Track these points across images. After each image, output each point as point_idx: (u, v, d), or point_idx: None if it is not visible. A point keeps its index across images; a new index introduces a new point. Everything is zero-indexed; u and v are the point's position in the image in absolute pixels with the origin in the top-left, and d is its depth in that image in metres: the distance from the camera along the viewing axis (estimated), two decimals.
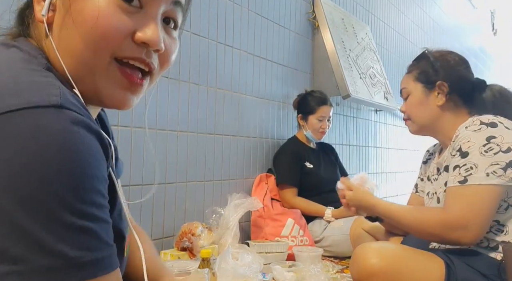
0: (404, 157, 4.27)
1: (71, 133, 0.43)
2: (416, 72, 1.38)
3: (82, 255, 0.42)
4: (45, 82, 0.46)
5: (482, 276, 1.09)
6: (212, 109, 2.05)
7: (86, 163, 0.43)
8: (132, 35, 0.52)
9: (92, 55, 0.51)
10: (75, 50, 0.52)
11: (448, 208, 1.13)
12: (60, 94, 0.45)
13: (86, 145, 0.44)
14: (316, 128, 2.38)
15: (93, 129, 0.46)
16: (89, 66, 0.52)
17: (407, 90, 1.39)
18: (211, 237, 1.80)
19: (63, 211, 0.41)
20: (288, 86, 2.61)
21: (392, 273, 1.07)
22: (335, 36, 2.79)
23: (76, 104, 0.46)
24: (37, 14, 0.54)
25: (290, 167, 2.31)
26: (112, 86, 0.54)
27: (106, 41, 0.51)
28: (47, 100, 0.43)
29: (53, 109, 0.43)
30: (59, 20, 0.53)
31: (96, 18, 0.50)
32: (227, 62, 2.14)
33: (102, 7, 0.50)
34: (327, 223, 2.21)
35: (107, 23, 0.50)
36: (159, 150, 1.78)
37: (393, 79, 3.75)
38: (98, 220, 0.44)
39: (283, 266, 1.63)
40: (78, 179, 0.42)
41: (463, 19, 6.00)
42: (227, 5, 2.13)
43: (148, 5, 0.54)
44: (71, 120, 0.43)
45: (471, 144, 1.13)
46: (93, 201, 0.44)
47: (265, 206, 2.16)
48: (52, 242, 0.40)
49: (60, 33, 0.53)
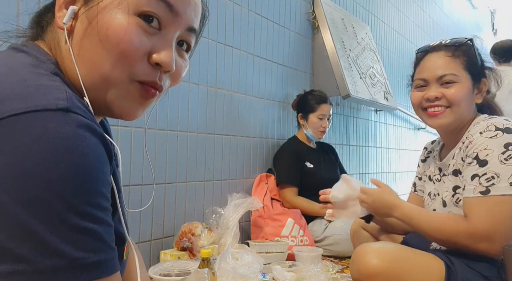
0: (404, 157, 4.27)
1: (77, 137, 0.43)
2: (464, 59, 1.24)
3: (86, 256, 0.42)
4: (53, 86, 0.47)
5: (482, 277, 1.08)
6: (212, 109, 2.05)
7: (92, 166, 0.44)
8: (149, 55, 0.55)
9: (110, 69, 0.53)
10: (95, 61, 0.53)
11: (473, 220, 1.10)
12: (67, 98, 0.45)
13: (92, 149, 0.44)
14: (316, 126, 2.38)
15: (98, 133, 0.46)
16: (106, 78, 0.54)
17: (456, 77, 1.22)
18: (211, 237, 1.80)
19: (68, 213, 0.41)
20: (288, 86, 2.61)
21: (392, 274, 1.07)
22: (335, 36, 2.79)
23: (82, 108, 0.47)
24: (57, 21, 0.56)
25: (290, 167, 2.31)
26: (127, 101, 0.56)
27: (126, 59, 0.53)
28: (54, 103, 0.44)
29: (60, 113, 0.43)
30: (80, 30, 0.55)
31: (122, 35, 0.52)
32: (227, 62, 2.14)
33: (127, 25, 0.53)
34: (328, 222, 2.21)
35: (130, 42, 0.53)
36: (159, 150, 1.78)
37: (393, 79, 3.75)
38: (102, 222, 0.45)
39: (283, 266, 1.63)
40: (83, 181, 0.43)
41: (463, 19, 6.00)
42: (227, 5, 2.13)
43: (166, 29, 0.57)
44: (77, 123, 0.44)
45: (489, 152, 1.10)
46: (97, 203, 0.44)
47: (265, 206, 2.16)
48: (57, 243, 0.41)
49: (81, 43, 0.54)
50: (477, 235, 1.08)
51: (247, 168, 2.28)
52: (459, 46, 1.25)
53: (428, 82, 1.26)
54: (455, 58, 1.24)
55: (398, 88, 3.81)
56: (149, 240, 1.74)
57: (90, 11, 0.54)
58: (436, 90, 1.24)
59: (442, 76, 1.23)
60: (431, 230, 1.18)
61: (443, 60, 1.25)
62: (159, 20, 0.56)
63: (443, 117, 1.24)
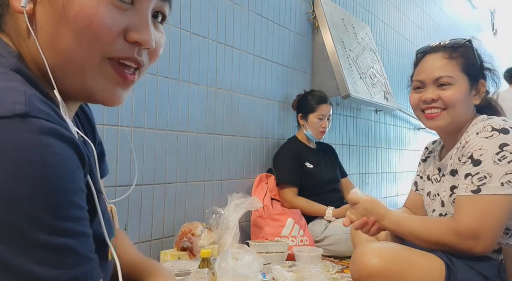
0: (404, 157, 4.27)
1: (40, 145, 0.39)
2: (461, 61, 1.24)
3: (60, 273, 0.40)
4: (8, 88, 0.42)
5: (483, 277, 1.08)
6: (212, 109, 2.05)
7: (59, 176, 0.40)
8: (124, 33, 0.51)
9: (84, 54, 0.49)
10: (65, 47, 0.49)
11: (460, 218, 1.10)
12: (26, 100, 0.40)
13: (58, 157, 0.40)
14: (316, 127, 2.38)
15: (65, 136, 0.42)
16: (79, 64, 0.50)
17: (452, 79, 1.22)
18: (211, 237, 1.80)
19: (36, 231, 0.38)
20: (288, 86, 2.61)
21: (393, 274, 1.07)
22: (335, 36, 2.79)
23: (44, 110, 0.42)
24: (14, 4, 0.49)
25: (290, 167, 2.31)
26: (104, 84, 0.52)
27: (100, 40, 0.49)
28: (9, 109, 0.39)
29: (18, 119, 0.39)
30: (43, 13, 0.49)
31: (92, 16, 0.48)
32: (227, 62, 2.14)
33: (97, 3, 0.48)
34: (328, 222, 2.21)
35: (102, 22, 0.48)
36: (159, 150, 1.78)
37: (393, 79, 3.75)
38: (76, 234, 0.42)
39: (283, 266, 1.63)
40: (50, 195, 0.39)
41: (463, 19, 6.00)
42: (227, 5, 2.13)
43: (140, 2, 0.52)
44: (39, 130, 0.40)
45: (484, 152, 1.10)
46: (69, 215, 0.41)
47: (265, 206, 2.16)
48: (26, 265, 0.38)
49: (46, 27, 0.49)
50: (464, 233, 1.08)
51: (247, 168, 2.28)
52: (457, 47, 1.25)
53: (425, 83, 1.27)
54: (452, 60, 1.24)
55: (398, 88, 3.81)
56: (149, 240, 1.74)
57: None
58: (432, 92, 1.24)
59: (438, 78, 1.23)
60: (418, 234, 1.17)
61: (440, 62, 1.25)
62: None
63: (439, 119, 1.24)
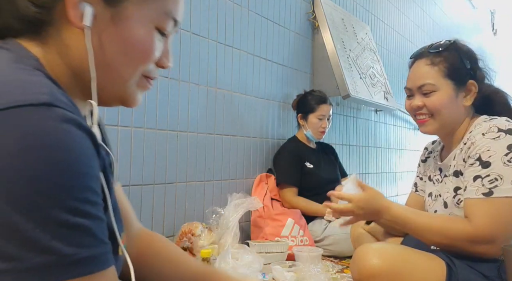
0: (404, 157, 4.27)
1: (62, 131, 0.43)
2: (444, 66, 1.24)
3: (77, 252, 0.42)
4: (34, 81, 0.46)
5: (483, 277, 1.08)
6: (212, 109, 2.05)
7: (77, 160, 0.44)
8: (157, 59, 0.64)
9: (131, 71, 0.60)
10: (117, 64, 0.58)
11: (475, 222, 1.09)
12: (49, 92, 0.45)
13: (77, 143, 0.44)
14: (316, 127, 2.38)
15: (83, 126, 0.46)
16: (125, 78, 0.60)
17: (434, 86, 1.24)
18: (211, 237, 1.80)
19: (56, 209, 0.41)
20: (288, 86, 2.61)
21: (393, 274, 1.07)
22: (335, 36, 2.79)
23: (65, 101, 0.46)
24: (74, 20, 0.54)
25: (290, 167, 2.31)
26: (137, 91, 0.64)
27: (146, 64, 0.61)
28: (36, 98, 0.43)
29: (43, 107, 0.43)
30: (98, 32, 0.56)
31: (146, 47, 0.59)
32: (227, 62, 2.13)
33: (149, 36, 0.60)
34: (328, 222, 2.21)
35: (151, 51, 0.60)
36: (159, 150, 1.78)
37: (393, 79, 3.75)
38: (92, 217, 0.45)
39: (283, 266, 1.63)
40: (69, 177, 0.43)
41: (463, 19, 6.00)
42: (227, 5, 2.13)
43: (168, 36, 0.65)
44: (61, 118, 0.43)
45: (492, 154, 1.10)
46: (86, 198, 0.44)
47: (265, 206, 2.16)
48: (46, 239, 0.41)
49: (100, 45, 0.57)
50: (479, 237, 1.08)
51: (247, 168, 2.28)
52: (440, 52, 1.26)
53: (412, 91, 1.30)
54: (434, 66, 1.25)
55: (398, 88, 3.80)
56: None
57: (115, 18, 0.56)
58: (419, 99, 1.27)
59: (421, 86, 1.26)
60: (430, 233, 1.16)
61: (423, 69, 1.27)
62: (166, 31, 0.64)
63: (428, 125, 1.27)
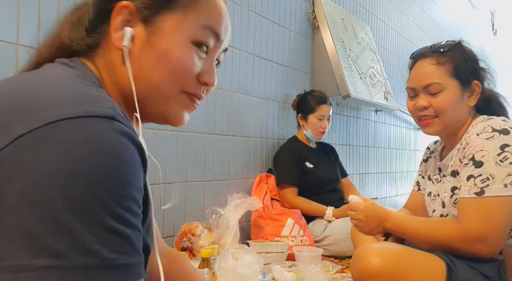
0: (404, 157, 4.27)
1: (119, 143, 0.47)
2: (450, 65, 1.23)
3: (116, 257, 0.44)
4: (101, 96, 0.51)
5: (483, 277, 1.08)
6: (212, 109, 2.05)
7: (129, 171, 0.47)
8: (198, 76, 0.65)
9: (169, 87, 0.62)
10: (157, 81, 0.61)
11: (465, 221, 1.10)
12: (113, 107, 0.50)
13: (130, 156, 0.48)
14: (316, 127, 2.38)
15: (136, 142, 0.50)
16: (164, 94, 0.62)
17: (441, 85, 1.23)
18: (211, 237, 1.80)
19: (104, 214, 0.44)
20: (288, 86, 2.61)
21: (393, 274, 1.07)
22: (335, 36, 2.79)
23: (124, 117, 0.50)
24: (115, 42, 0.60)
25: (290, 167, 2.31)
26: (180, 110, 0.65)
27: (184, 79, 0.62)
28: (102, 111, 0.48)
29: (106, 120, 0.47)
30: (138, 51, 0.61)
31: (182, 61, 0.61)
32: (227, 62, 2.13)
33: (187, 53, 0.62)
34: (328, 222, 2.21)
35: (188, 66, 0.62)
36: (159, 150, 1.78)
37: (393, 79, 3.75)
38: (133, 227, 0.47)
39: (283, 266, 1.63)
40: (120, 185, 0.46)
41: (463, 19, 6.00)
42: (227, 5, 2.12)
43: (212, 52, 0.67)
44: (120, 131, 0.48)
45: (485, 154, 1.10)
46: (130, 208, 0.47)
47: (265, 206, 2.16)
48: (92, 242, 0.43)
49: (141, 64, 0.61)
50: (470, 237, 1.08)
51: (247, 168, 2.28)
52: (444, 52, 1.25)
53: (417, 91, 1.28)
54: (441, 66, 1.24)
55: (398, 88, 3.81)
56: None
57: (152, 36, 0.61)
58: (424, 99, 1.25)
59: (427, 85, 1.24)
60: (422, 236, 1.17)
61: (428, 69, 1.25)
62: (207, 46, 0.65)
63: (432, 126, 1.26)
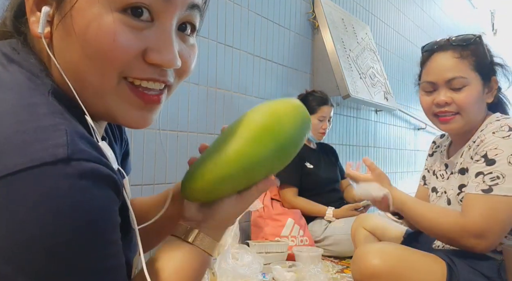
0: (404, 157, 4.26)
1: (80, 191, 0.40)
2: (473, 59, 1.18)
3: None
4: (51, 127, 0.41)
5: (484, 277, 1.08)
6: (212, 109, 2.05)
7: (99, 220, 0.41)
8: (143, 54, 0.47)
9: (99, 79, 0.46)
10: (80, 72, 0.46)
11: (468, 215, 1.09)
12: (68, 141, 0.40)
13: (97, 200, 0.41)
14: (316, 128, 2.37)
15: (103, 175, 0.42)
16: (96, 89, 0.47)
17: (466, 80, 1.17)
18: None
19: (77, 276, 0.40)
20: (288, 86, 2.60)
21: (394, 274, 1.07)
22: (335, 36, 2.79)
23: (84, 149, 0.42)
24: (32, 27, 0.47)
25: (290, 167, 2.26)
26: (125, 107, 0.49)
27: (114, 63, 0.45)
28: (52, 154, 0.39)
29: (60, 165, 0.39)
30: (58, 37, 0.47)
31: (108, 41, 0.44)
32: (227, 62, 2.13)
33: (112, 28, 0.44)
34: (328, 223, 2.21)
35: (120, 48, 0.45)
36: (159, 150, 1.78)
37: (393, 79, 3.75)
38: (114, 268, 0.44)
39: (283, 266, 1.62)
40: (91, 240, 0.41)
41: (463, 19, 6.00)
42: (227, 5, 2.13)
43: (161, 17, 0.47)
44: (79, 174, 0.40)
45: (499, 152, 1.09)
46: (108, 254, 0.43)
47: (265, 206, 2.16)
48: None
49: (61, 53, 0.47)
50: (469, 230, 1.08)
51: None
52: (467, 45, 1.20)
53: (437, 85, 1.21)
54: (464, 59, 1.18)
55: (398, 88, 3.80)
56: None
57: (68, 16, 0.45)
58: (445, 95, 1.19)
59: (451, 79, 1.18)
60: (423, 221, 1.17)
61: (451, 62, 1.19)
62: (149, 9, 0.46)
63: (453, 122, 1.20)
